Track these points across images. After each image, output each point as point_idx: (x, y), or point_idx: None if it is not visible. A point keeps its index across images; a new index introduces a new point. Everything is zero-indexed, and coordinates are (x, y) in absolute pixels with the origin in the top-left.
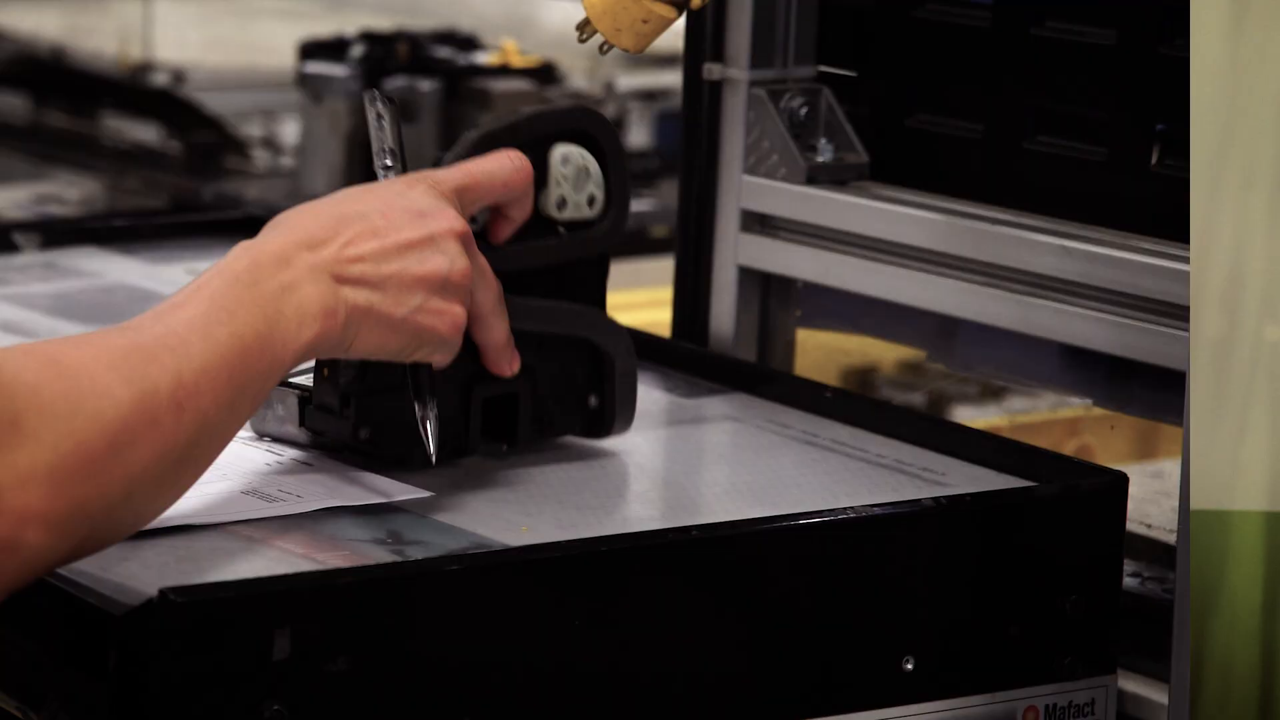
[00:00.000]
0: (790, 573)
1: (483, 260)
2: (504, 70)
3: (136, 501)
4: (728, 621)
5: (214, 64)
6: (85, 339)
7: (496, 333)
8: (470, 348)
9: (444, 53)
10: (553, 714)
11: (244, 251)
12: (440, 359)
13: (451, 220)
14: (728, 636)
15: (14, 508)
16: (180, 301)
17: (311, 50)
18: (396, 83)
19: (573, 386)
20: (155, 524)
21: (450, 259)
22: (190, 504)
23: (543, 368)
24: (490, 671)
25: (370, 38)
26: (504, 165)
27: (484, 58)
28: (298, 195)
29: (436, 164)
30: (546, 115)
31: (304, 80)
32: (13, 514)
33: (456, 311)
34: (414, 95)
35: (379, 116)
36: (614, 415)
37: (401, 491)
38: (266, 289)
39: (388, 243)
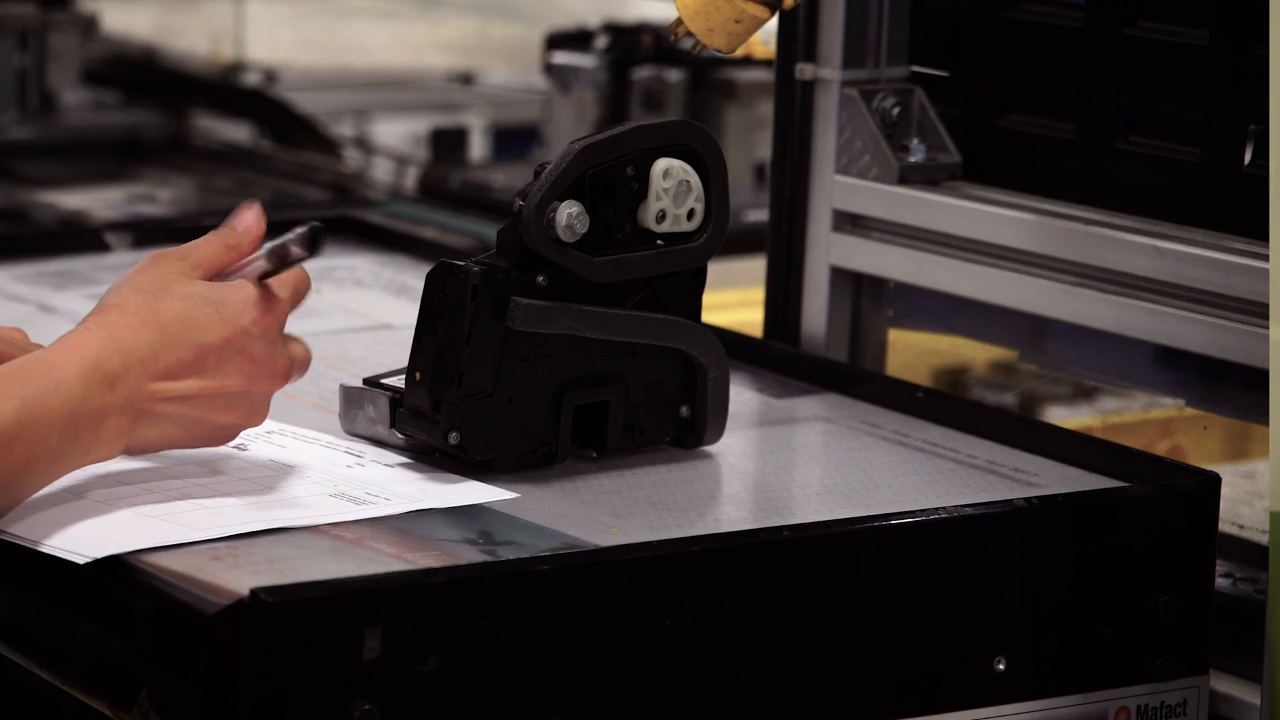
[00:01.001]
0: (882, 573)
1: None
2: (748, 61)
3: None
4: (819, 622)
5: (306, 64)
6: None
7: None
8: (567, 352)
9: (683, 43)
10: (643, 714)
11: (84, 363)
12: None
13: (276, 376)
14: (819, 637)
15: None
16: (29, 363)
17: (558, 41)
18: (643, 73)
19: (665, 396)
20: (247, 527)
21: (249, 412)
22: (280, 507)
23: (635, 377)
24: (580, 672)
25: (614, 29)
26: (306, 359)
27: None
28: None
29: (538, 174)
30: (649, 128)
31: (551, 70)
32: None
33: (223, 442)
34: (661, 85)
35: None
36: (705, 426)
37: (491, 494)
38: (69, 410)
39: (208, 385)
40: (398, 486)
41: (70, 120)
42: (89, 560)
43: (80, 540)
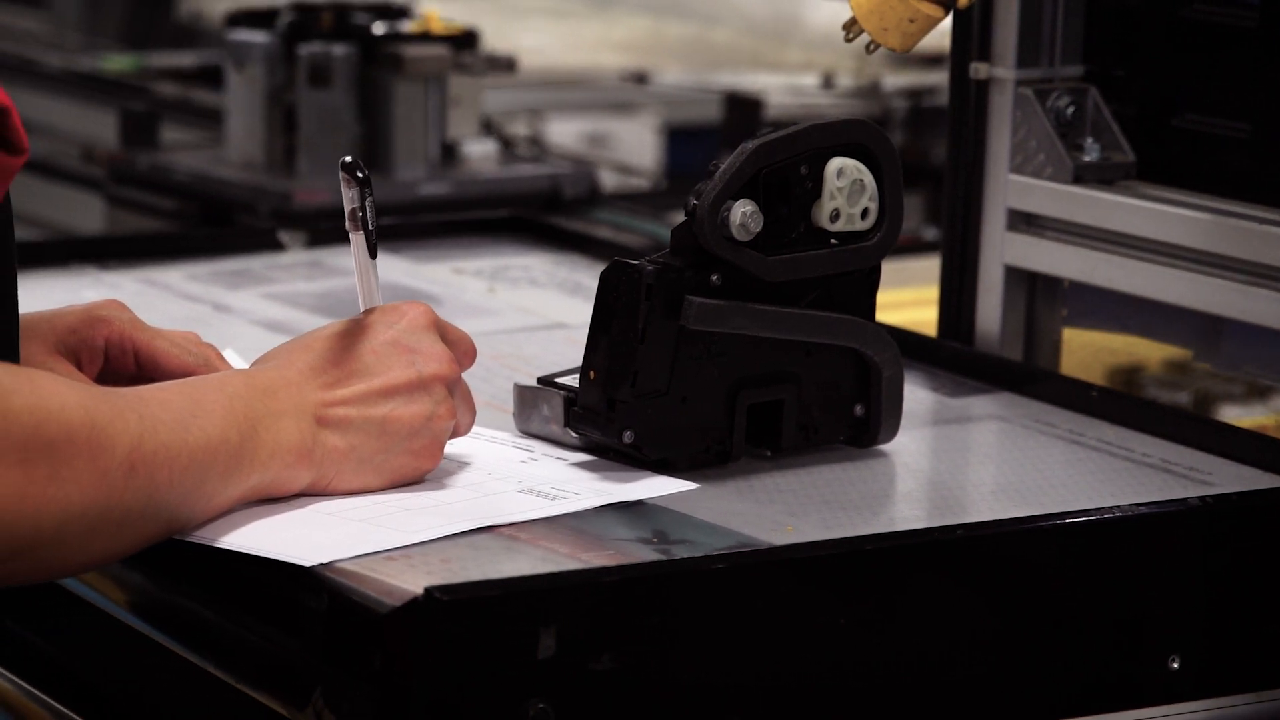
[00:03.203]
0: (1056, 572)
1: (465, 386)
2: (424, 37)
3: (68, 541)
4: (993, 621)
5: None
6: (66, 379)
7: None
8: (741, 351)
9: (367, 20)
10: (817, 713)
11: (242, 374)
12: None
13: (441, 363)
14: (993, 635)
15: None
16: (171, 387)
17: (238, 19)
18: (313, 48)
19: (839, 395)
20: (456, 528)
21: (435, 403)
22: (480, 506)
23: (809, 376)
24: (754, 670)
25: (298, 8)
26: (470, 344)
27: (407, 25)
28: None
29: (712, 173)
30: (824, 127)
31: (225, 46)
32: None
33: (435, 450)
34: (327, 60)
35: (346, 183)
36: (879, 424)
37: (673, 486)
38: (250, 411)
39: (374, 385)
40: (581, 482)
41: None
42: (313, 565)
43: (298, 546)
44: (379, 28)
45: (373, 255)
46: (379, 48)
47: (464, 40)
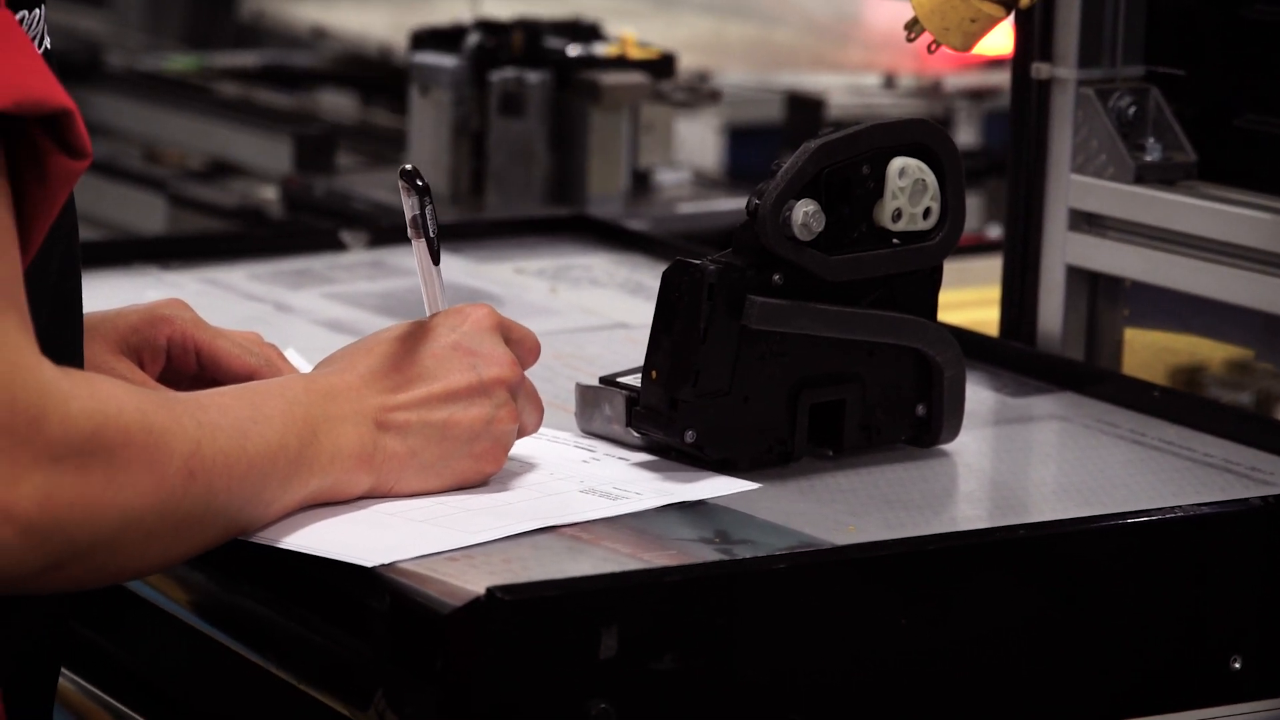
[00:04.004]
0: (1117, 572)
1: (530, 386)
2: (619, 62)
3: (125, 546)
4: (1054, 620)
5: None
6: (123, 382)
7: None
8: (802, 351)
9: (559, 44)
10: (878, 712)
11: (302, 378)
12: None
13: (502, 366)
14: (1054, 635)
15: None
16: (230, 392)
17: (422, 40)
18: (505, 74)
19: (901, 395)
20: (518, 528)
21: (495, 406)
22: (542, 506)
23: (871, 376)
24: (815, 670)
25: (486, 27)
26: (534, 341)
27: (602, 49)
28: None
29: (774, 173)
30: (886, 127)
31: (411, 70)
32: None
33: (498, 453)
34: (520, 87)
35: (405, 191)
36: (941, 424)
37: (735, 485)
38: (310, 415)
39: (435, 389)
40: (643, 482)
41: None
42: (374, 565)
43: (360, 547)
44: (573, 50)
45: (435, 262)
46: (574, 74)
47: (661, 65)
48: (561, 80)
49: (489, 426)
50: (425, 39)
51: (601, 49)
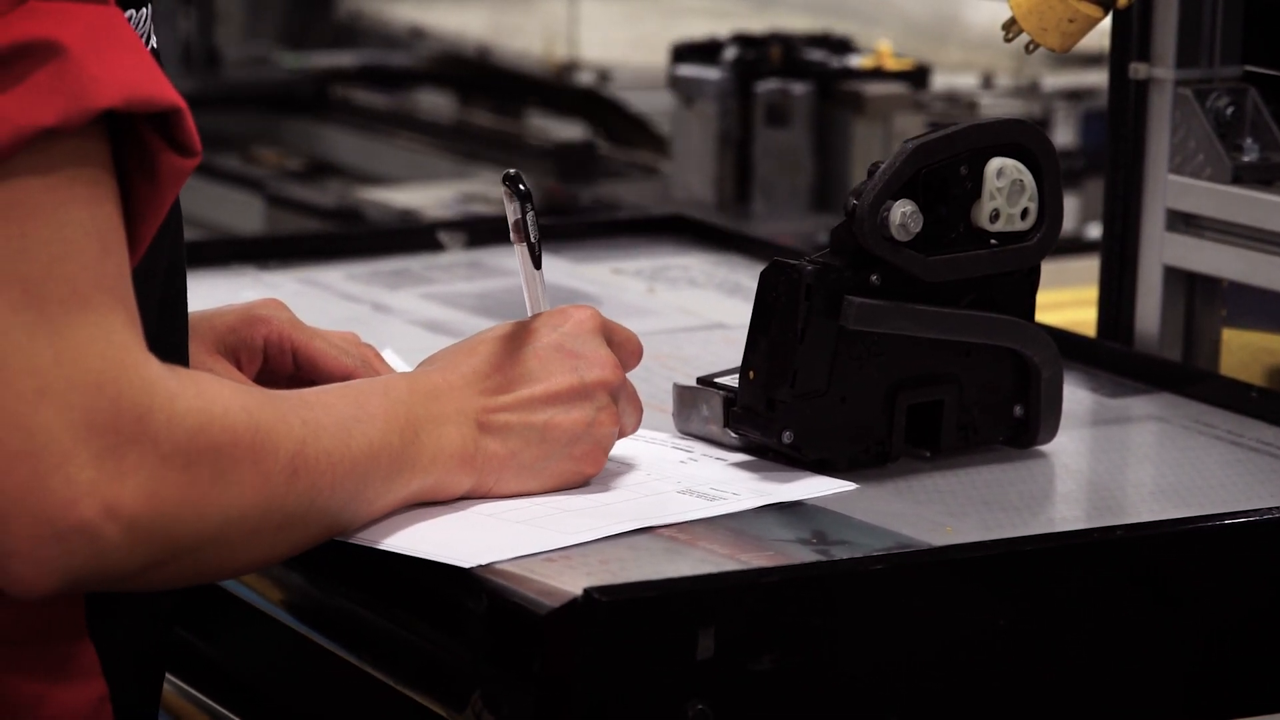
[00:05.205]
0: (1216, 573)
1: (631, 387)
2: (877, 74)
3: (228, 544)
4: (1153, 621)
5: (639, 63)
6: (228, 380)
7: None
8: (900, 351)
9: (817, 55)
10: (976, 713)
11: (405, 377)
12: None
13: (604, 368)
14: (1153, 636)
15: (105, 496)
16: (334, 390)
17: (683, 53)
18: (768, 85)
19: (998, 396)
20: (615, 529)
21: (597, 409)
22: (639, 506)
23: (969, 376)
24: (913, 671)
25: (742, 40)
26: (636, 344)
27: (857, 60)
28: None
29: (871, 173)
30: (983, 128)
31: (675, 83)
32: (101, 501)
33: (598, 456)
34: (785, 99)
35: (508, 196)
36: (1039, 425)
37: (833, 486)
38: (413, 415)
39: (537, 391)
40: (740, 482)
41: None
42: (472, 566)
43: (458, 547)
44: (834, 61)
45: (537, 266)
46: (835, 85)
47: (916, 76)
48: (823, 91)
49: (589, 429)
50: (685, 52)
51: (855, 60)
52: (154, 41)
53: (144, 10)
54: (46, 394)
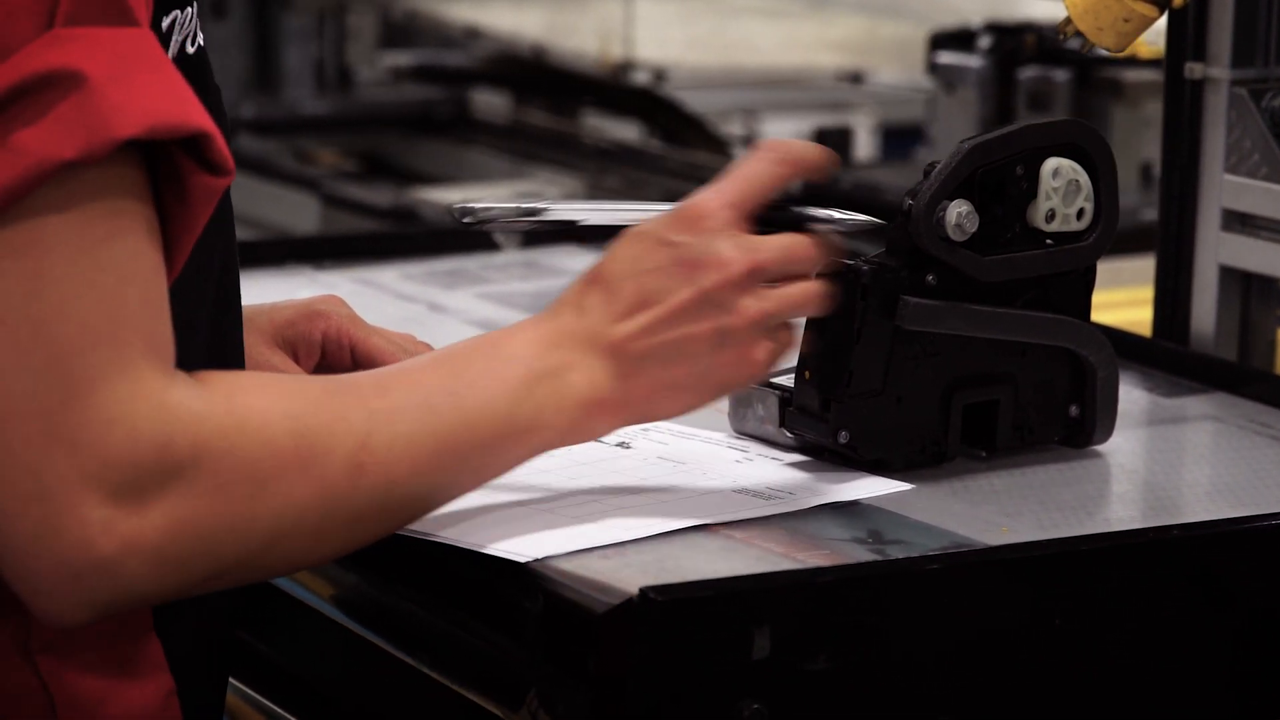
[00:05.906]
0: (1273, 573)
1: (770, 251)
2: (1134, 60)
3: (288, 548)
4: (1209, 622)
5: (694, 63)
6: (282, 378)
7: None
8: (955, 351)
9: (1071, 42)
10: (1029, 713)
11: (519, 332)
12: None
13: (723, 268)
14: (1208, 637)
15: (122, 532)
16: (428, 364)
17: (942, 41)
18: (1029, 72)
19: (1054, 396)
20: (670, 525)
21: (728, 308)
22: (694, 504)
23: (1024, 376)
24: (969, 670)
25: (997, 29)
26: (796, 249)
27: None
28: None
29: (927, 173)
30: (1039, 127)
31: (936, 70)
32: (119, 539)
33: (751, 354)
34: (1047, 85)
35: None
36: (1094, 425)
37: (888, 486)
38: (530, 371)
39: (662, 311)
40: (796, 482)
41: None
42: (528, 560)
43: (514, 542)
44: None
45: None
46: (1094, 71)
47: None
48: (1082, 78)
49: (726, 335)
50: (943, 40)
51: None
52: (200, 40)
53: (189, 10)
54: (54, 436)
